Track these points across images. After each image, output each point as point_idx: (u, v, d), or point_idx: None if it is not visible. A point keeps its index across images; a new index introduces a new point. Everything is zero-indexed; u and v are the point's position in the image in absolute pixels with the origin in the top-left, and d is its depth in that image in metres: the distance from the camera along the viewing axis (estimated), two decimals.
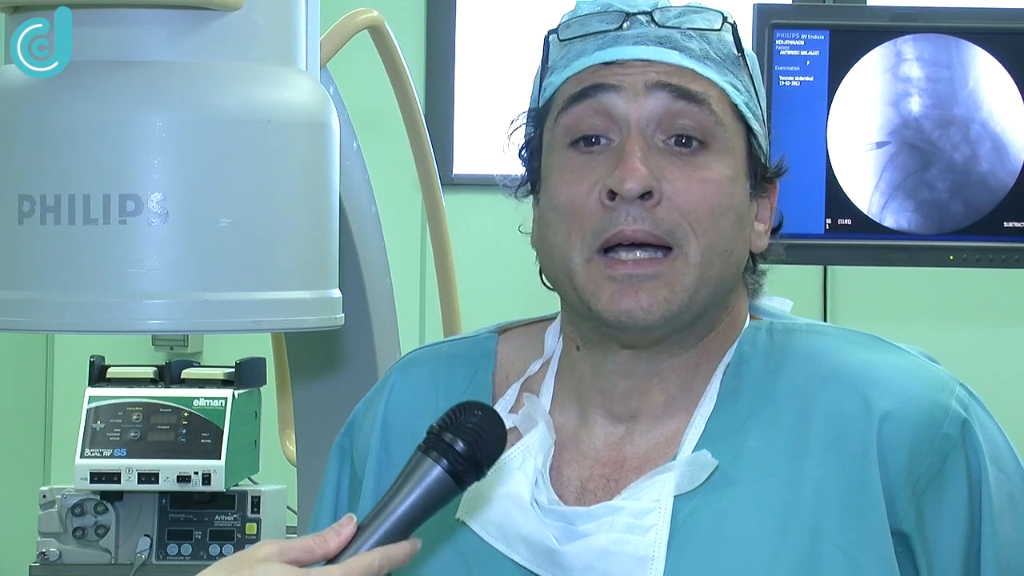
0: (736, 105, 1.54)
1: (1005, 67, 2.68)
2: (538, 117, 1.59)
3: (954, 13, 2.72)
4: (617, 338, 1.55)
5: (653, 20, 1.53)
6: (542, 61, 1.59)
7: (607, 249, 1.50)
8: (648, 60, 1.52)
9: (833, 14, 2.85)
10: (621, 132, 1.51)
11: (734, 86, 1.54)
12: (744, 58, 1.56)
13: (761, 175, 1.57)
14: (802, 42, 2.68)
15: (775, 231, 1.62)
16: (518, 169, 1.62)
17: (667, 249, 1.50)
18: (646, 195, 1.48)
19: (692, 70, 1.52)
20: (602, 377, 1.57)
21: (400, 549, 1.40)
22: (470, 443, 1.42)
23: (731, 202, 1.52)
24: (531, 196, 1.60)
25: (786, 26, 2.68)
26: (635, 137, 1.50)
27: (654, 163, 1.50)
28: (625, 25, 1.53)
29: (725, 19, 1.55)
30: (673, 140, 1.51)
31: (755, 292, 1.63)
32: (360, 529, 1.41)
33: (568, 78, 1.55)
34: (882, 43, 2.69)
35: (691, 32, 1.53)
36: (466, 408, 1.44)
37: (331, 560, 1.40)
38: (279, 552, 1.39)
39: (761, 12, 2.68)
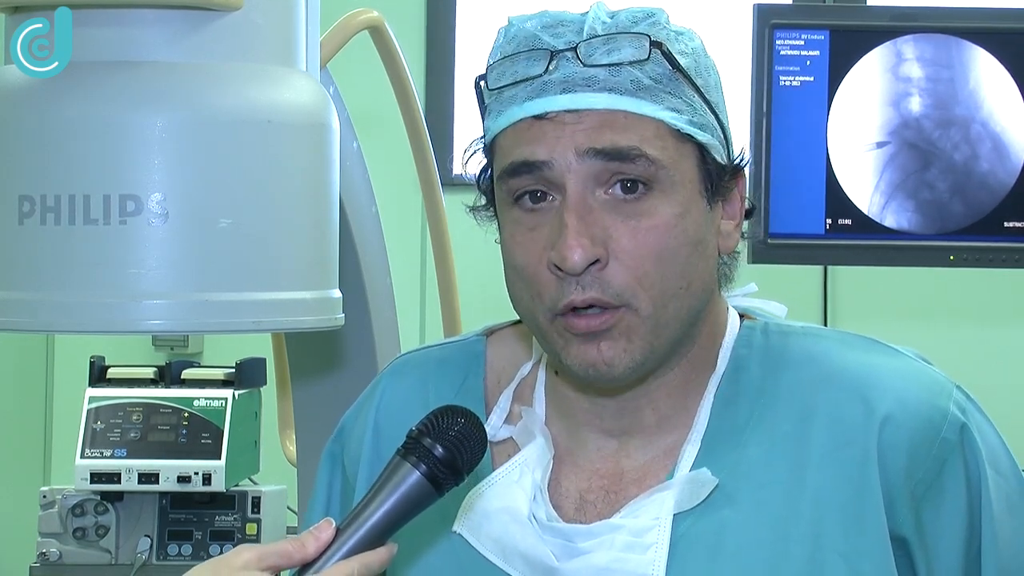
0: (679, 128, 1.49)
1: (1005, 67, 2.68)
2: (486, 150, 1.56)
3: (954, 13, 2.72)
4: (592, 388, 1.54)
5: (579, 57, 1.48)
6: (478, 102, 1.56)
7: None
8: (577, 110, 1.48)
9: (833, 14, 2.85)
10: (561, 194, 1.48)
11: (675, 109, 1.49)
12: (681, 72, 1.50)
13: (718, 180, 1.53)
14: (802, 42, 2.68)
15: (749, 214, 1.59)
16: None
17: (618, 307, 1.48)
18: (593, 262, 1.46)
19: (624, 111, 1.48)
20: (590, 398, 1.56)
21: (377, 556, 1.40)
22: (450, 449, 1.41)
23: (683, 239, 1.49)
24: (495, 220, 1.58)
25: (786, 26, 2.67)
26: (573, 207, 1.47)
27: (598, 224, 1.47)
28: (551, 67, 1.49)
29: (653, 43, 1.49)
30: (618, 186, 1.48)
31: (726, 281, 1.59)
32: (338, 532, 1.41)
33: (504, 128, 1.51)
34: (882, 43, 2.69)
35: (618, 67, 1.48)
36: (448, 413, 1.43)
37: (309, 564, 1.40)
38: (257, 559, 1.39)
39: (761, 12, 2.67)
